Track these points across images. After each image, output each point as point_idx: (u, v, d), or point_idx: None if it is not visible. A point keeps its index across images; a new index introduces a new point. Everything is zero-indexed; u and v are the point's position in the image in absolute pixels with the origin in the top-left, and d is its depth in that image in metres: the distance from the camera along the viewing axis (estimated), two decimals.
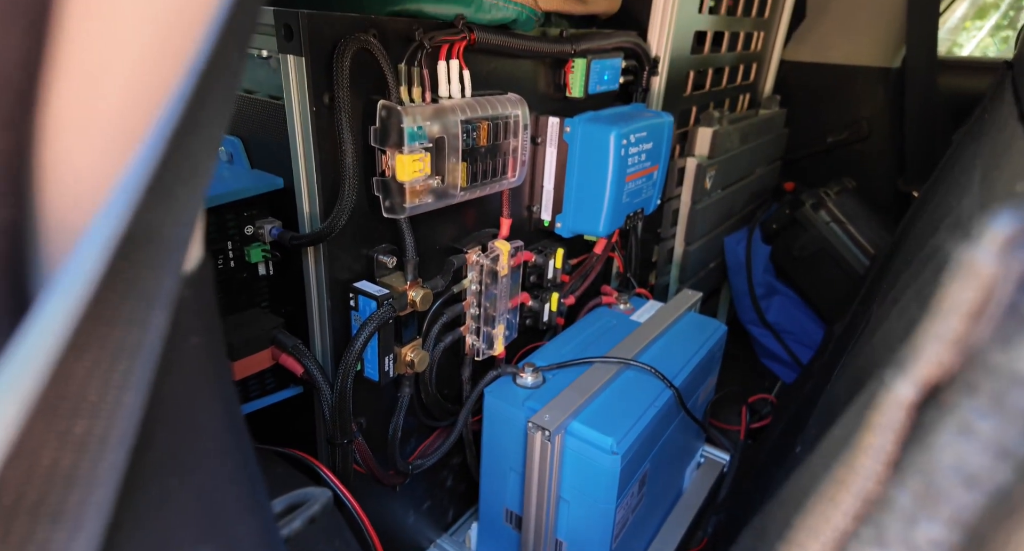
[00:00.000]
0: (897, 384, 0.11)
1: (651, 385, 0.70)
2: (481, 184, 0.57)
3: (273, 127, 0.50)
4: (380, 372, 0.56)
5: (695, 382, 0.78)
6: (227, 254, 0.51)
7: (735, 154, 1.13)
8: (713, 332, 0.84)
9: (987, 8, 2.40)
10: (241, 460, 0.20)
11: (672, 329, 0.84)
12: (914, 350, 0.11)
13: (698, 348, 0.80)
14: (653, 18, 0.82)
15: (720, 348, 0.87)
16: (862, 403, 0.17)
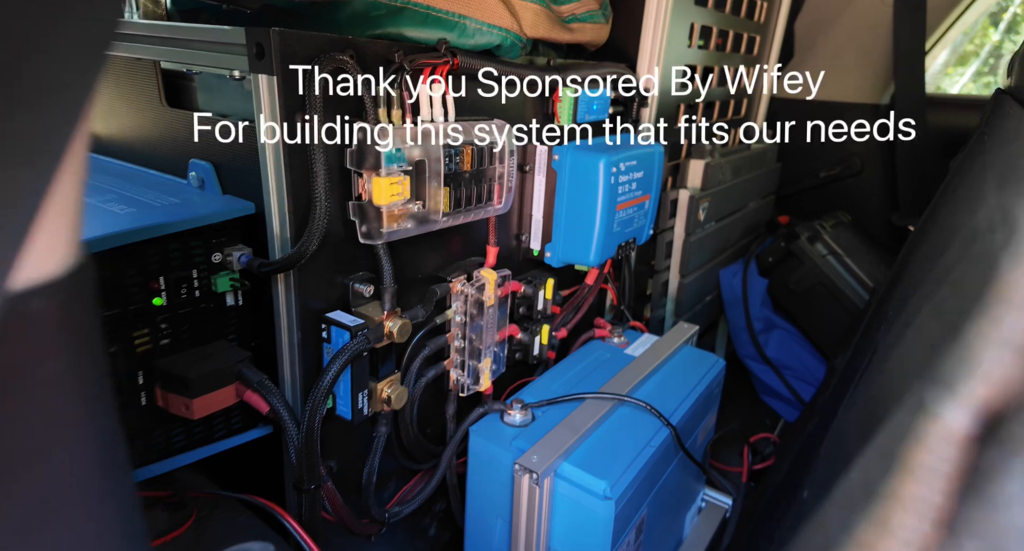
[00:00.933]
0: (946, 409, 0.08)
1: (647, 423, 0.66)
2: (465, 210, 0.55)
3: (246, 151, 0.47)
4: (353, 410, 0.52)
5: (694, 420, 0.74)
6: (191, 283, 0.48)
7: (728, 187, 1.12)
8: (711, 367, 0.81)
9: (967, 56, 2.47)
10: (114, 509, 0.16)
11: (668, 364, 0.80)
12: (966, 361, 0.08)
13: (696, 384, 0.76)
14: (642, 51, 0.82)
15: (719, 384, 0.83)
16: (890, 438, 0.13)
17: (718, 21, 1.00)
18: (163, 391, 0.48)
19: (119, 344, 0.45)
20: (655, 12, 0.81)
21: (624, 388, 0.71)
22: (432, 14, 0.50)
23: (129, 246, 0.43)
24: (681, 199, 1.02)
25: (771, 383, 1.26)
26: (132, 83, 0.53)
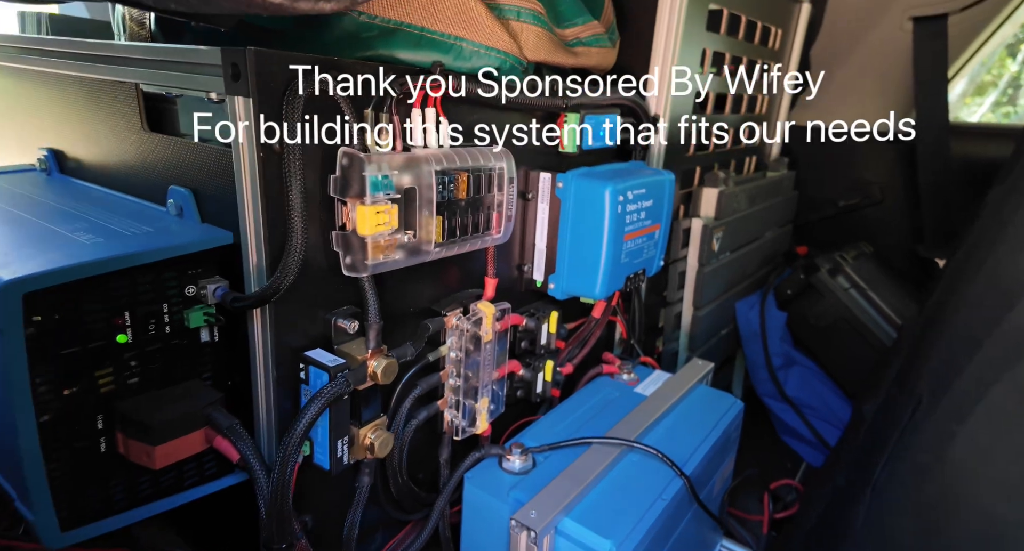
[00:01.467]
0: None
1: (658, 473, 0.61)
2: (460, 240, 0.51)
3: (226, 178, 0.44)
4: (332, 459, 0.47)
5: (709, 468, 0.68)
6: (161, 318, 0.45)
7: (743, 216, 1.08)
8: (728, 409, 0.75)
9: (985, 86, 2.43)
10: None
11: (681, 405, 0.75)
12: None
13: (712, 428, 0.70)
14: (652, 77, 0.79)
15: (737, 428, 0.77)
16: None
17: (731, 47, 0.97)
18: (124, 437, 0.44)
19: (78, 383, 0.42)
20: (665, 37, 0.78)
21: (633, 432, 0.65)
22: (427, 36, 0.47)
23: (92, 279, 0.40)
24: (694, 228, 0.97)
25: (791, 423, 1.19)
26: (113, 107, 0.51)
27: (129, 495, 0.47)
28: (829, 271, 1.13)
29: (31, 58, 0.59)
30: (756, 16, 1.03)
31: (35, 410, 0.40)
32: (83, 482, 0.43)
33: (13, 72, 0.65)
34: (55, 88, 0.59)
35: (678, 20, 0.77)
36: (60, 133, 0.61)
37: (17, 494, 0.43)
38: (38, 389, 0.40)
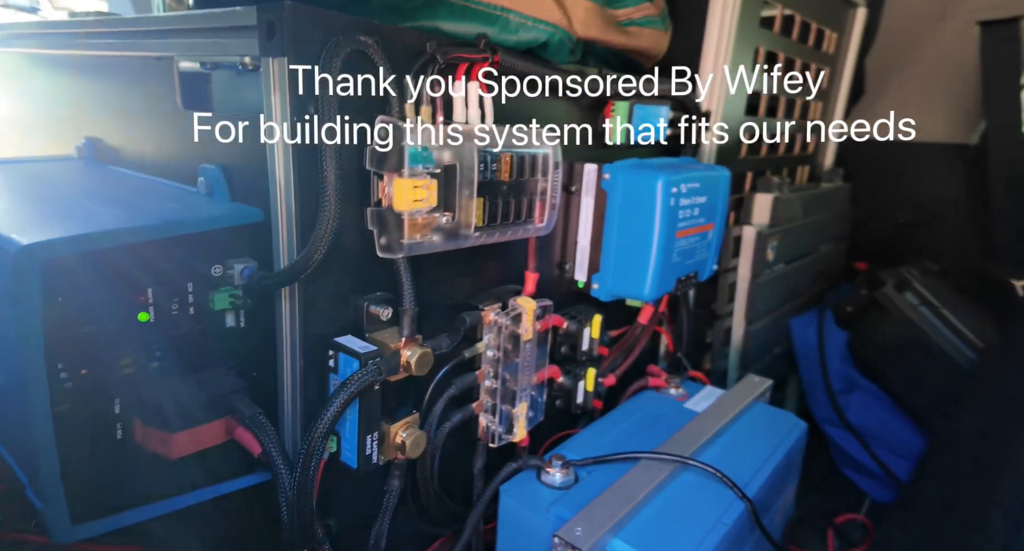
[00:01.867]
0: None
1: (716, 494, 0.54)
2: (501, 226, 0.48)
3: (257, 153, 0.42)
4: (360, 457, 0.43)
5: (772, 493, 0.61)
6: (185, 298, 0.42)
7: (799, 225, 1.01)
8: (791, 429, 0.68)
9: None
10: None
11: (738, 423, 0.68)
12: None
13: (774, 449, 0.64)
14: (703, 70, 0.76)
15: (800, 451, 0.70)
16: None
17: (784, 47, 0.93)
18: (142, 424, 0.42)
19: (97, 365, 0.39)
20: (717, 30, 0.74)
21: (686, 449, 0.59)
22: (471, 6, 0.45)
23: (111, 251, 0.37)
24: (746, 236, 0.92)
25: (853, 453, 1.09)
26: (150, 87, 0.50)
27: (145, 489, 0.43)
28: (896, 286, 1.05)
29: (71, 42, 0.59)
30: (810, 17, 0.99)
31: (49, 391, 0.37)
32: (97, 471, 0.41)
33: (55, 63, 0.66)
34: (95, 76, 0.60)
35: (732, 13, 0.74)
36: (99, 121, 0.61)
37: (28, 480, 0.41)
38: (54, 369, 0.37)
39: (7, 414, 0.43)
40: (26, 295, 0.35)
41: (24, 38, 0.69)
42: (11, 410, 0.41)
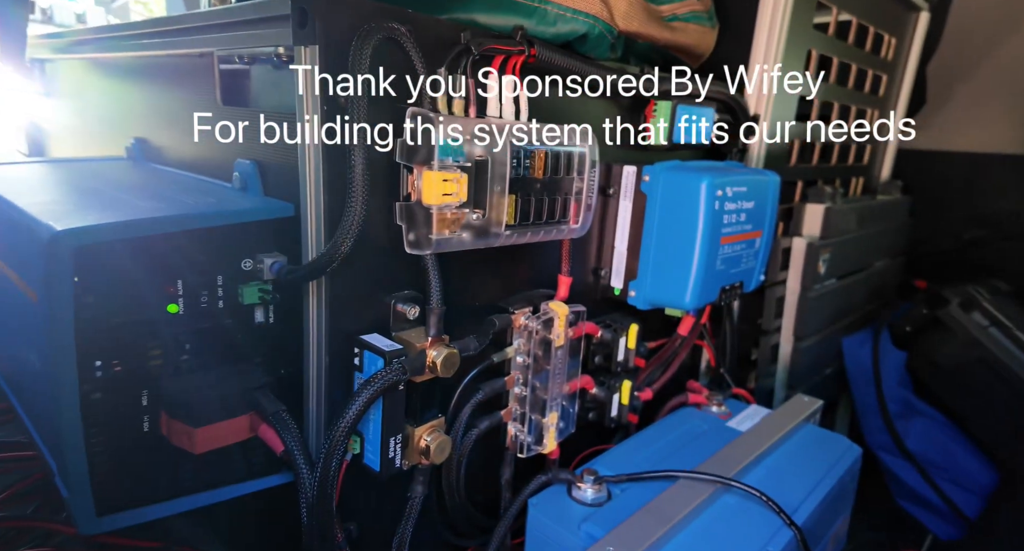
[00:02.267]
0: None
1: (761, 519, 0.50)
2: (534, 226, 0.46)
3: (291, 150, 0.42)
4: (383, 459, 0.42)
5: (823, 522, 0.57)
6: (215, 290, 0.42)
7: (853, 238, 0.96)
8: (844, 453, 0.63)
9: None
10: None
11: (786, 444, 0.64)
12: None
13: (824, 473, 0.59)
14: (752, 71, 0.72)
15: (853, 478, 0.65)
16: None
17: (839, 51, 0.89)
18: (168, 417, 0.41)
19: (127, 356, 0.39)
20: (767, 31, 0.71)
21: (729, 470, 0.55)
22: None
23: (142, 240, 0.38)
24: (796, 248, 0.87)
25: (912, 484, 1.01)
26: (193, 85, 0.51)
27: (169, 484, 0.43)
28: (961, 305, 0.97)
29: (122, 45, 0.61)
30: (868, 20, 0.94)
31: (79, 380, 0.37)
32: (123, 464, 0.40)
33: (108, 68, 0.69)
34: (141, 76, 0.62)
35: (784, 12, 0.70)
36: (146, 122, 0.62)
37: (57, 468, 0.41)
38: (84, 357, 0.37)
39: (41, 401, 0.44)
40: (58, 280, 0.35)
41: (81, 45, 0.72)
42: (43, 397, 0.42)
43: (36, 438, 0.45)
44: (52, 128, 0.88)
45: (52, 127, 0.88)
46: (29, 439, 0.47)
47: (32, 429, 0.46)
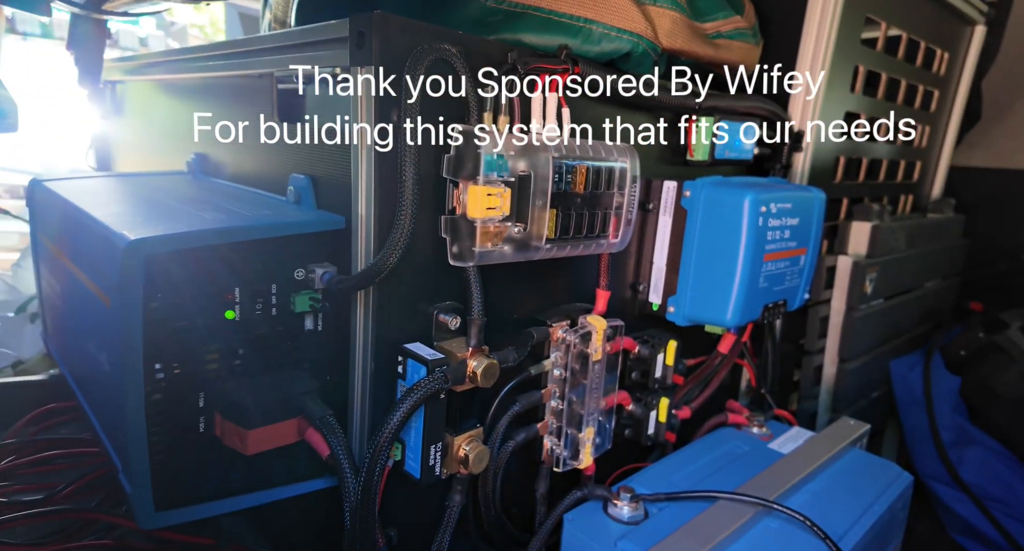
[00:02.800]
0: None
1: (804, 545, 0.49)
2: (573, 240, 0.47)
3: (343, 163, 0.44)
4: (423, 467, 0.43)
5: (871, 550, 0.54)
6: (269, 298, 0.44)
7: (902, 257, 0.93)
8: (894, 480, 0.61)
9: None
10: None
11: (831, 469, 0.62)
12: None
13: (873, 500, 0.57)
14: (795, 87, 0.72)
15: (904, 507, 0.62)
16: None
17: (888, 67, 0.87)
18: (222, 419, 0.43)
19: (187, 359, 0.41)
20: (812, 47, 0.71)
21: (770, 492, 0.54)
22: (554, 18, 0.45)
23: (205, 249, 0.40)
24: (841, 266, 0.85)
25: (968, 516, 0.95)
26: (251, 104, 0.54)
27: (220, 484, 0.45)
28: (1022, 329, 0.93)
29: (187, 67, 0.65)
30: (919, 35, 0.92)
31: (145, 383, 0.39)
32: (180, 462, 0.42)
33: (173, 88, 0.73)
34: (202, 95, 0.65)
35: (829, 29, 0.70)
36: (206, 138, 0.66)
37: (121, 465, 0.43)
38: (150, 359, 0.40)
39: (108, 399, 0.46)
40: (130, 286, 0.37)
41: (149, 67, 0.78)
42: (111, 396, 0.44)
43: (101, 435, 0.47)
44: (118, 144, 0.94)
45: (118, 143, 0.94)
46: (94, 436, 0.50)
47: (98, 426, 0.48)
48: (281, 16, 0.58)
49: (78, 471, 0.56)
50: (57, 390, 0.68)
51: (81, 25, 0.77)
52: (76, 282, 0.50)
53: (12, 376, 0.77)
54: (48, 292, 0.65)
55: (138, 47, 2.66)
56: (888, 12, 0.82)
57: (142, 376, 0.39)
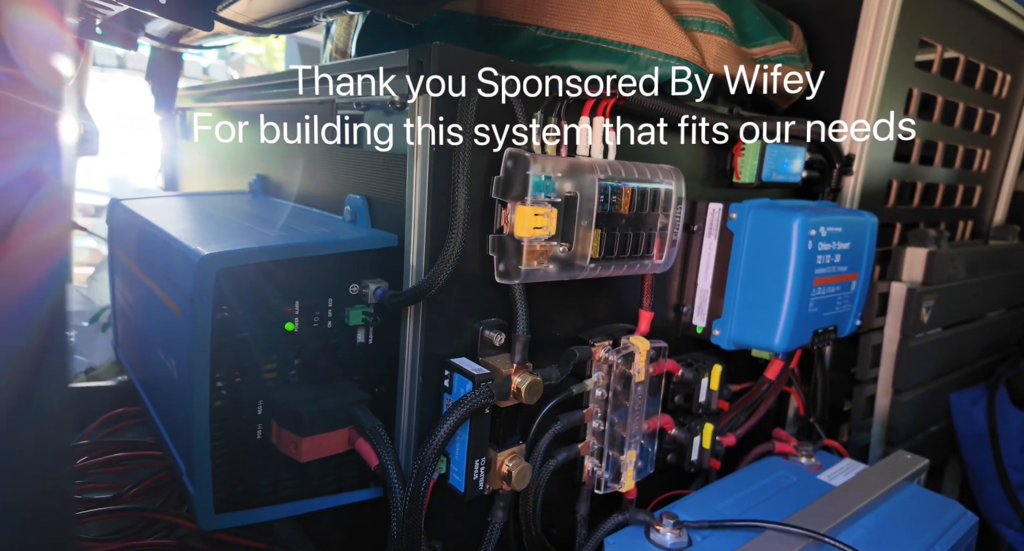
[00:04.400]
0: None
1: None
2: (617, 260, 0.47)
3: (398, 184, 0.46)
4: (467, 481, 0.43)
5: None
6: (325, 312, 0.46)
7: (961, 285, 0.89)
8: (956, 520, 0.57)
9: None
10: None
11: (887, 504, 0.59)
12: None
13: (934, 541, 0.54)
14: (846, 111, 0.71)
15: (969, 549, 0.59)
16: None
17: (944, 90, 0.85)
18: (278, 426, 0.45)
19: (249, 368, 0.44)
20: (863, 71, 0.70)
21: (821, 525, 0.52)
22: (602, 46, 0.46)
23: (270, 264, 0.42)
24: (895, 293, 0.82)
25: None
26: (311, 128, 0.57)
27: (274, 490, 0.47)
28: None
29: (253, 95, 0.70)
30: (978, 57, 0.90)
31: (210, 391, 0.42)
32: (238, 468, 0.44)
33: (234, 113, 0.78)
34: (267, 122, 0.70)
35: (881, 52, 0.69)
36: (267, 161, 0.70)
37: (186, 468, 0.46)
38: (216, 367, 0.42)
39: (174, 405, 0.49)
40: (201, 298, 0.40)
41: (218, 95, 0.83)
42: (178, 402, 0.47)
43: (166, 439, 0.50)
44: (185, 166, 1.01)
45: (185, 165, 1.01)
46: (158, 439, 0.53)
47: (163, 430, 0.51)
48: (342, 46, 0.61)
49: (144, 472, 0.59)
50: (124, 395, 0.73)
51: (159, 57, 0.83)
52: (149, 293, 0.53)
53: (85, 382, 0.83)
54: (121, 303, 0.70)
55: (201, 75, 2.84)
56: (944, 34, 0.80)
57: (208, 383, 0.41)
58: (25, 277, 0.22)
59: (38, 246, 0.22)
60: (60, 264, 0.23)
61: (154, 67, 0.84)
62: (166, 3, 0.42)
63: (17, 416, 0.22)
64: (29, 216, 0.21)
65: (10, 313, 0.21)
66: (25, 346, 0.22)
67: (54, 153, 0.21)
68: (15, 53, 0.21)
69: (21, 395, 0.22)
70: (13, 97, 0.21)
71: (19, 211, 0.21)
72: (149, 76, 0.85)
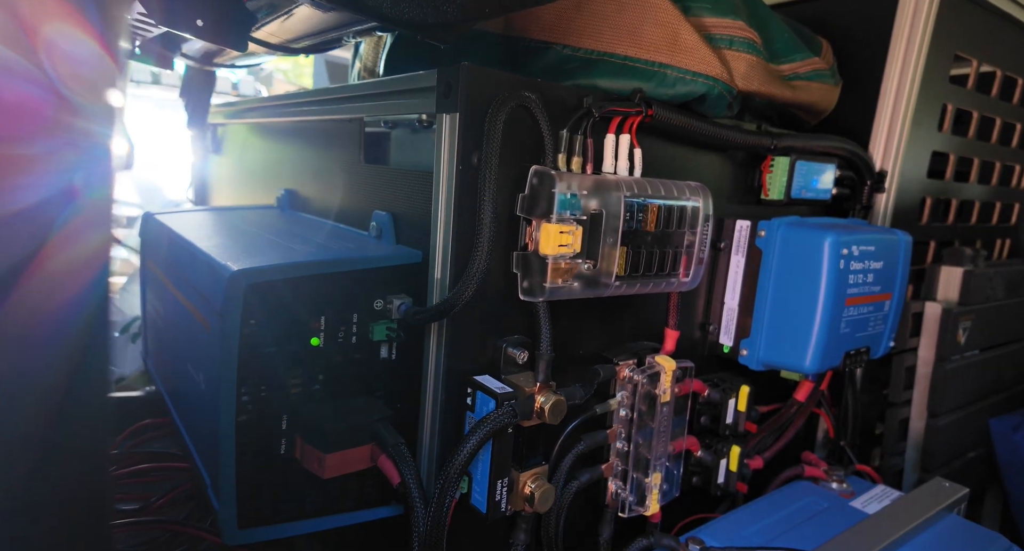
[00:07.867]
0: None
1: None
2: (643, 278, 0.47)
3: (423, 201, 0.46)
4: (489, 501, 0.43)
5: None
6: (350, 327, 0.46)
7: (999, 306, 0.86)
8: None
9: None
10: None
11: (924, 535, 0.56)
12: None
13: None
14: (877, 128, 0.70)
15: None
16: None
17: (980, 105, 0.83)
18: (302, 441, 0.45)
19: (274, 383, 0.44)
20: (896, 86, 0.69)
21: None
22: (629, 64, 0.46)
23: (297, 280, 0.43)
24: (930, 313, 0.79)
25: None
26: (340, 145, 0.58)
27: (297, 506, 0.47)
28: None
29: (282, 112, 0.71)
30: (1017, 72, 0.87)
31: (236, 405, 0.42)
32: (262, 482, 0.45)
33: (266, 131, 0.80)
34: (294, 137, 0.71)
35: (914, 68, 0.68)
36: (295, 176, 0.72)
37: (210, 481, 0.46)
38: (242, 382, 0.42)
39: (201, 417, 0.50)
40: (231, 313, 0.40)
41: (248, 112, 0.85)
42: (205, 414, 0.48)
43: (192, 451, 0.51)
44: (215, 180, 1.03)
45: (215, 180, 1.03)
46: (184, 451, 0.53)
47: (190, 443, 0.52)
48: (370, 65, 0.63)
49: (169, 484, 0.60)
50: (152, 405, 0.74)
51: (193, 75, 0.86)
52: (179, 306, 0.54)
53: (114, 391, 0.84)
54: (152, 314, 0.72)
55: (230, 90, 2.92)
56: (980, 49, 0.78)
57: (235, 396, 0.42)
58: (68, 288, 0.22)
59: (82, 257, 0.23)
60: (101, 275, 0.23)
61: (188, 84, 0.86)
62: (203, 26, 0.43)
63: (60, 423, 0.23)
64: (73, 228, 0.22)
65: (54, 320, 0.22)
66: (69, 354, 0.22)
67: (100, 168, 0.22)
68: (60, 77, 0.21)
69: (63, 403, 0.23)
70: (60, 115, 0.21)
71: (63, 223, 0.22)
72: (183, 93, 0.88)
